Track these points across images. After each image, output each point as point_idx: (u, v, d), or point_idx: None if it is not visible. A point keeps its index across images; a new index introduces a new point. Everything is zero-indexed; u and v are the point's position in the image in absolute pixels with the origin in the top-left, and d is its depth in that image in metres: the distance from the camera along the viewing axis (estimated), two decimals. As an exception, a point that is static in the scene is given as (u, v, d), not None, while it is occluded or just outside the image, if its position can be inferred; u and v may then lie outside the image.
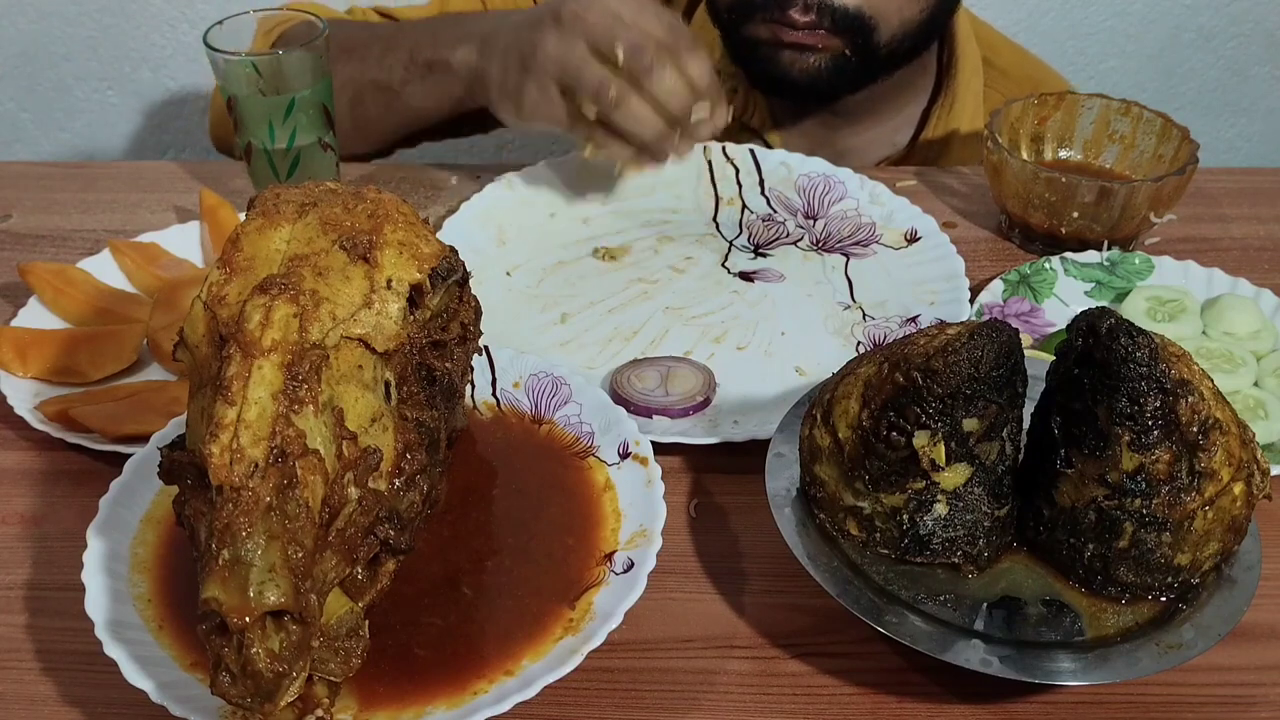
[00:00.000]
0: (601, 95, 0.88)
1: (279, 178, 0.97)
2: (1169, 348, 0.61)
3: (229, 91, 0.94)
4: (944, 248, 0.97)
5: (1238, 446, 0.61)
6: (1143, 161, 1.02)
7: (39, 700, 0.64)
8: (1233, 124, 1.88)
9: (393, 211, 0.65)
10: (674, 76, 0.89)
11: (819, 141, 1.20)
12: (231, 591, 0.50)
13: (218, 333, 0.57)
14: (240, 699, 0.51)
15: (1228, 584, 0.63)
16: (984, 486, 0.64)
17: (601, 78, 0.88)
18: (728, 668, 0.67)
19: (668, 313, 0.93)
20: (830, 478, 0.66)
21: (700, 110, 0.91)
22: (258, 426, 0.53)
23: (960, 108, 1.17)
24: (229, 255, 0.61)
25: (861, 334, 0.91)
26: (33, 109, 1.78)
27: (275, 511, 0.52)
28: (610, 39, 0.88)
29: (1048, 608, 0.64)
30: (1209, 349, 0.85)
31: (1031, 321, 0.91)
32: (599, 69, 0.88)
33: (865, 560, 0.65)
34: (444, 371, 0.66)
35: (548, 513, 0.71)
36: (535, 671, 0.60)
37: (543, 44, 0.90)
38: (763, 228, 1.02)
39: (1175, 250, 0.98)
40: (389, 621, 0.63)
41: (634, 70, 0.88)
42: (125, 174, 1.13)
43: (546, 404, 0.77)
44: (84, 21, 1.69)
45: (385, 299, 0.61)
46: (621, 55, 0.87)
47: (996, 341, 0.60)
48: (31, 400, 0.81)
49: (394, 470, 0.61)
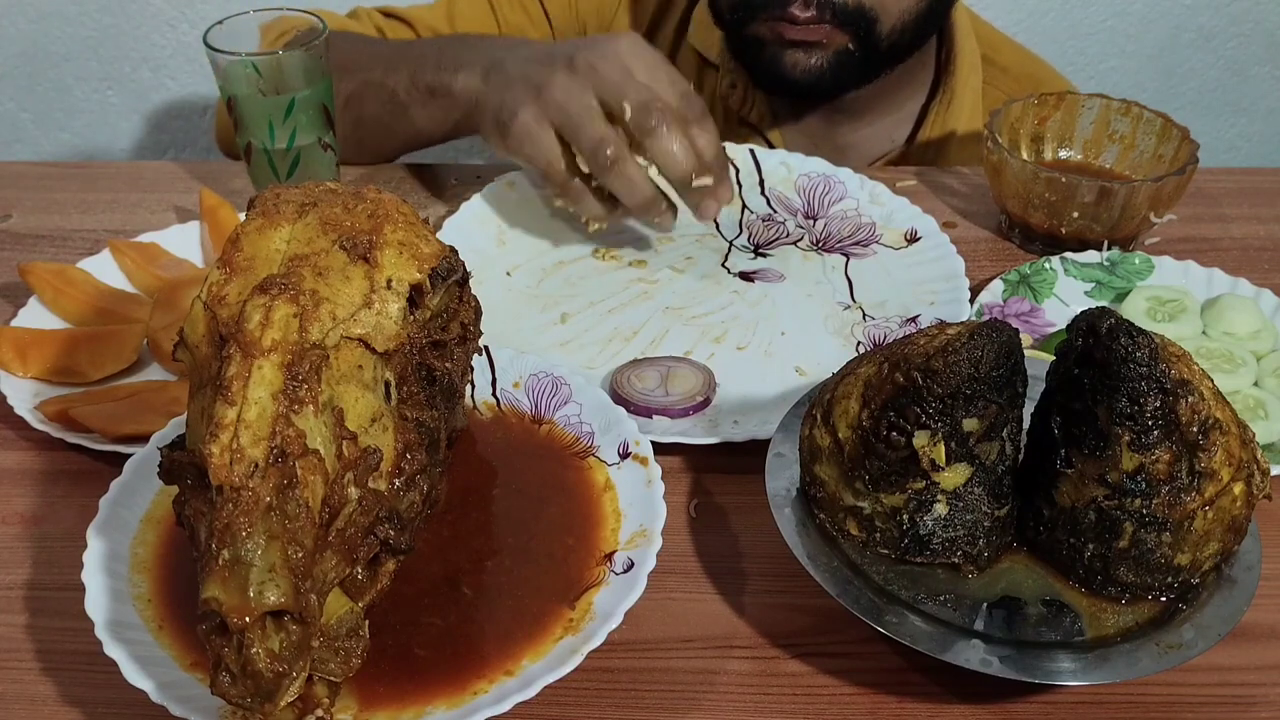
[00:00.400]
0: (598, 153, 0.86)
1: (279, 178, 0.97)
2: (1169, 348, 0.61)
3: (229, 92, 0.94)
4: (944, 248, 0.97)
5: (1238, 446, 0.61)
6: (1143, 161, 1.02)
7: (39, 700, 0.64)
8: (1233, 124, 1.88)
9: (393, 211, 0.65)
10: (679, 141, 0.86)
11: (818, 138, 1.20)
12: (231, 591, 0.50)
13: (218, 333, 0.57)
14: (240, 699, 0.51)
15: (1228, 584, 0.63)
16: (984, 486, 0.64)
17: (603, 134, 0.86)
18: (728, 668, 0.67)
19: (668, 313, 0.93)
20: (830, 478, 0.66)
21: (703, 180, 0.89)
22: (258, 426, 0.53)
23: (959, 105, 1.17)
24: (229, 255, 0.61)
25: (861, 334, 0.91)
26: (33, 109, 1.78)
27: (275, 511, 0.52)
28: (620, 95, 0.86)
29: (1048, 608, 0.64)
30: (1209, 349, 0.85)
31: (1031, 321, 0.91)
32: (602, 125, 0.86)
33: (865, 560, 0.65)
34: (444, 371, 0.66)
35: (548, 513, 0.71)
36: (535, 671, 0.60)
37: (551, 84, 0.87)
38: (763, 228, 1.02)
39: (1175, 250, 0.98)
40: (389, 621, 0.63)
41: (638, 128, 0.86)
42: (125, 174, 1.13)
43: (546, 404, 0.77)
44: (84, 21, 1.69)
45: (385, 299, 0.61)
46: (629, 111, 0.86)
47: (996, 341, 0.60)
48: (31, 400, 0.81)
49: (394, 470, 0.61)
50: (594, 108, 0.87)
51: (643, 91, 0.86)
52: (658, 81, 0.88)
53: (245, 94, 0.93)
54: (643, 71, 0.88)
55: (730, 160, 1.07)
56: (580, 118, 0.87)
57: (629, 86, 0.86)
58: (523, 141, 0.90)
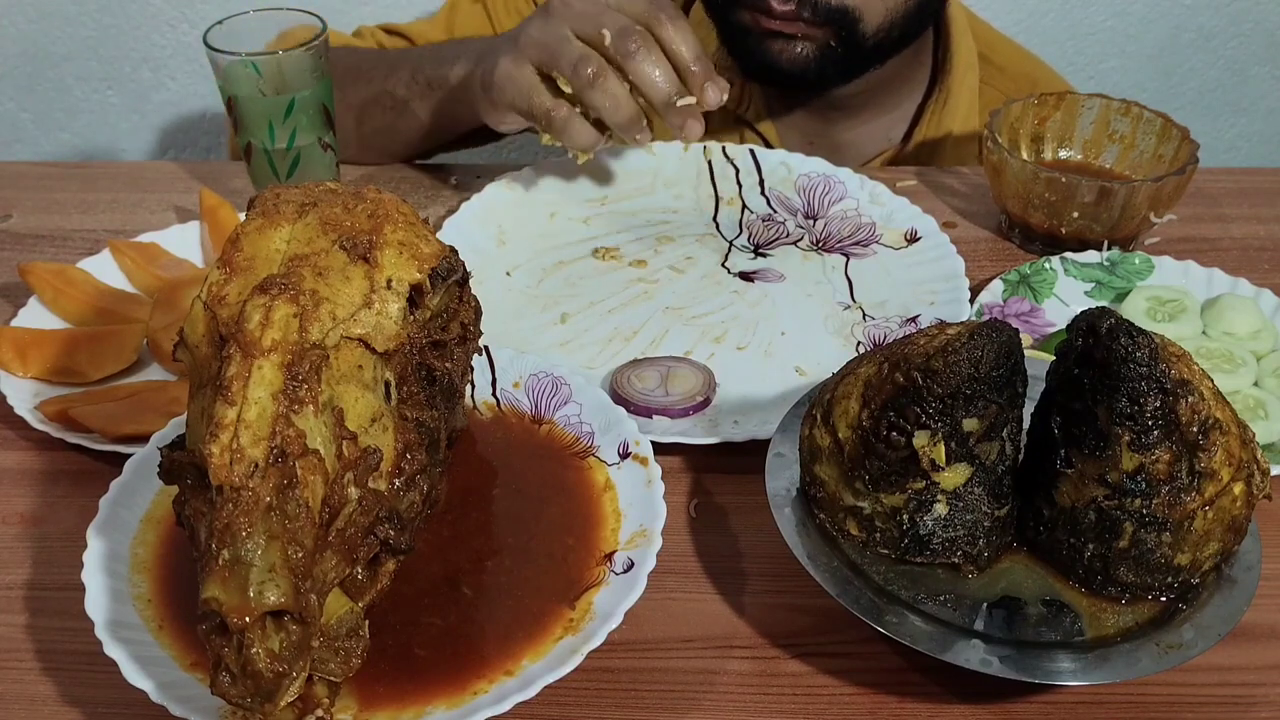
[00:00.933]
0: (579, 70, 0.88)
1: (279, 178, 0.97)
2: (1169, 348, 0.61)
3: (229, 92, 0.94)
4: (944, 248, 0.97)
5: (1238, 446, 0.61)
6: (1143, 161, 1.02)
7: (39, 700, 0.64)
8: (1233, 124, 1.88)
9: (393, 211, 0.65)
10: (658, 61, 0.88)
11: (814, 135, 1.20)
12: (231, 591, 0.50)
13: (218, 333, 0.57)
14: (240, 699, 0.51)
15: (1228, 584, 0.63)
16: (984, 486, 0.64)
17: (582, 52, 0.88)
18: (728, 668, 0.67)
19: (668, 313, 0.93)
20: (830, 478, 0.66)
21: (686, 100, 0.90)
22: (258, 426, 0.53)
23: (955, 103, 1.17)
24: (229, 255, 0.61)
25: (861, 334, 0.91)
26: (33, 109, 1.77)
27: (275, 511, 0.52)
28: (597, 24, 0.88)
29: (1048, 608, 0.64)
30: (1209, 349, 0.85)
31: (1031, 321, 0.91)
32: (579, 45, 0.88)
33: (865, 560, 0.65)
34: (444, 371, 0.66)
35: (548, 513, 0.71)
36: (535, 671, 0.60)
37: (527, 29, 0.90)
38: (763, 228, 1.02)
39: (1175, 250, 0.98)
40: (389, 621, 0.63)
41: (619, 53, 0.88)
42: (125, 174, 1.13)
43: (546, 404, 0.77)
44: (84, 21, 1.68)
45: (385, 299, 0.61)
46: (608, 38, 0.87)
47: (996, 341, 0.60)
48: (31, 400, 0.81)
49: (394, 470, 0.61)
50: (570, 37, 0.89)
51: (618, 19, 0.88)
52: (629, 3, 0.89)
53: (245, 94, 0.93)
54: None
55: (730, 160, 1.07)
56: (557, 45, 0.89)
57: (605, 15, 0.88)
58: (504, 87, 0.92)
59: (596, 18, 0.88)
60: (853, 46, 1.06)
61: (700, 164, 1.08)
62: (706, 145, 1.08)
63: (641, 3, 0.89)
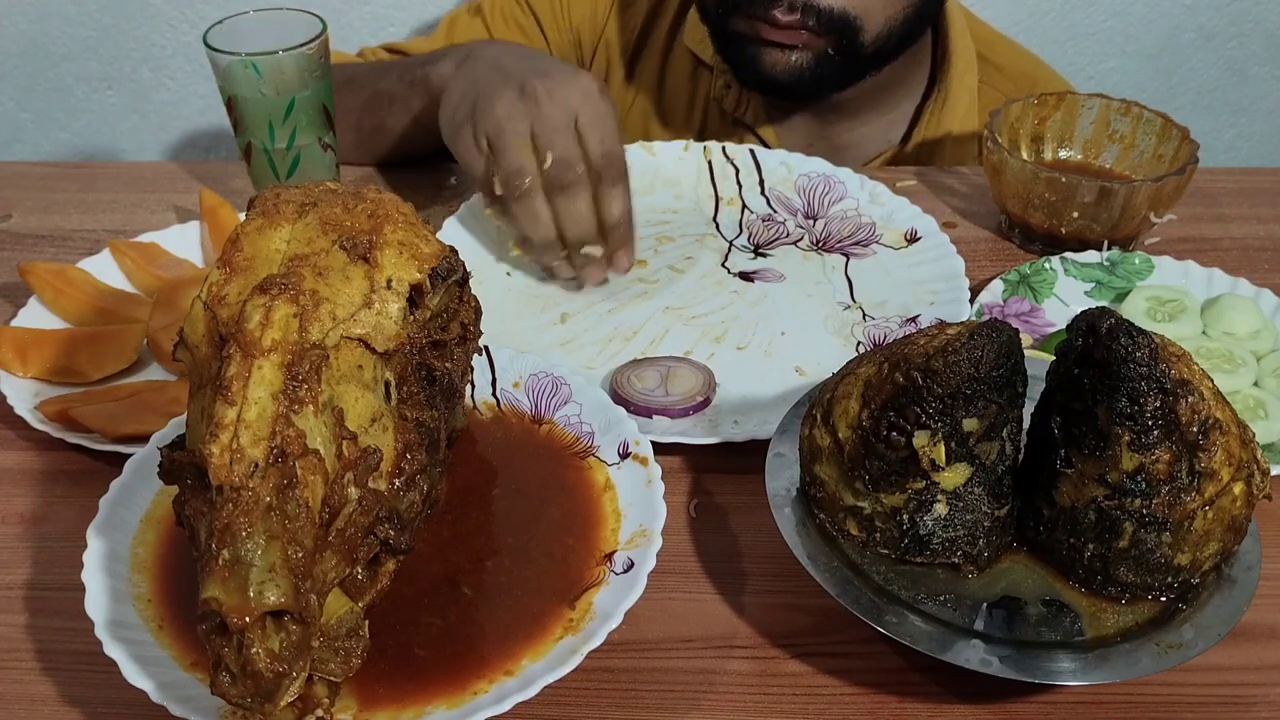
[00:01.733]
0: (513, 179, 0.88)
1: (279, 178, 0.97)
2: (1169, 348, 0.61)
3: (229, 92, 0.94)
4: (944, 248, 0.97)
5: (1238, 446, 0.61)
6: (1143, 161, 1.02)
7: (39, 700, 0.64)
8: (1233, 124, 1.88)
9: (393, 211, 0.65)
10: (585, 206, 0.89)
11: (812, 138, 1.20)
12: (231, 591, 0.50)
13: (218, 333, 0.57)
14: (240, 699, 0.51)
15: (1228, 584, 0.63)
16: (984, 486, 0.64)
17: (521, 165, 0.88)
18: (728, 668, 0.67)
19: (668, 313, 0.93)
20: (830, 478, 0.66)
21: (593, 250, 0.91)
22: (258, 426, 0.53)
23: (954, 103, 1.17)
24: (229, 255, 0.61)
25: (861, 334, 0.91)
26: (33, 109, 1.77)
27: (275, 511, 0.52)
28: (549, 141, 0.88)
29: (1048, 608, 0.64)
30: (1209, 349, 0.85)
31: (1031, 321, 0.91)
32: (524, 156, 0.88)
33: (865, 560, 0.65)
34: (444, 371, 0.66)
35: (548, 513, 0.71)
36: (535, 671, 0.60)
37: (497, 101, 0.89)
38: (763, 228, 1.02)
39: (1175, 250, 0.98)
40: (389, 621, 0.63)
41: (553, 180, 0.88)
42: (125, 174, 1.13)
43: (546, 404, 0.77)
44: (84, 21, 1.68)
45: (385, 299, 0.61)
46: (549, 161, 0.88)
47: (996, 341, 0.60)
48: (31, 400, 0.81)
49: (394, 470, 0.61)
50: (524, 135, 0.88)
51: (570, 148, 0.88)
52: (591, 133, 0.89)
53: (245, 94, 0.93)
54: (585, 119, 0.89)
55: (730, 160, 1.07)
56: (508, 140, 0.89)
57: (560, 136, 0.88)
58: (459, 152, 0.93)
59: (553, 133, 0.88)
60: (851, 55, 1.07)
61: (700, 164, 1.08)
62: (706, 145, 1.08)
63: (602, 146, 0.89)
